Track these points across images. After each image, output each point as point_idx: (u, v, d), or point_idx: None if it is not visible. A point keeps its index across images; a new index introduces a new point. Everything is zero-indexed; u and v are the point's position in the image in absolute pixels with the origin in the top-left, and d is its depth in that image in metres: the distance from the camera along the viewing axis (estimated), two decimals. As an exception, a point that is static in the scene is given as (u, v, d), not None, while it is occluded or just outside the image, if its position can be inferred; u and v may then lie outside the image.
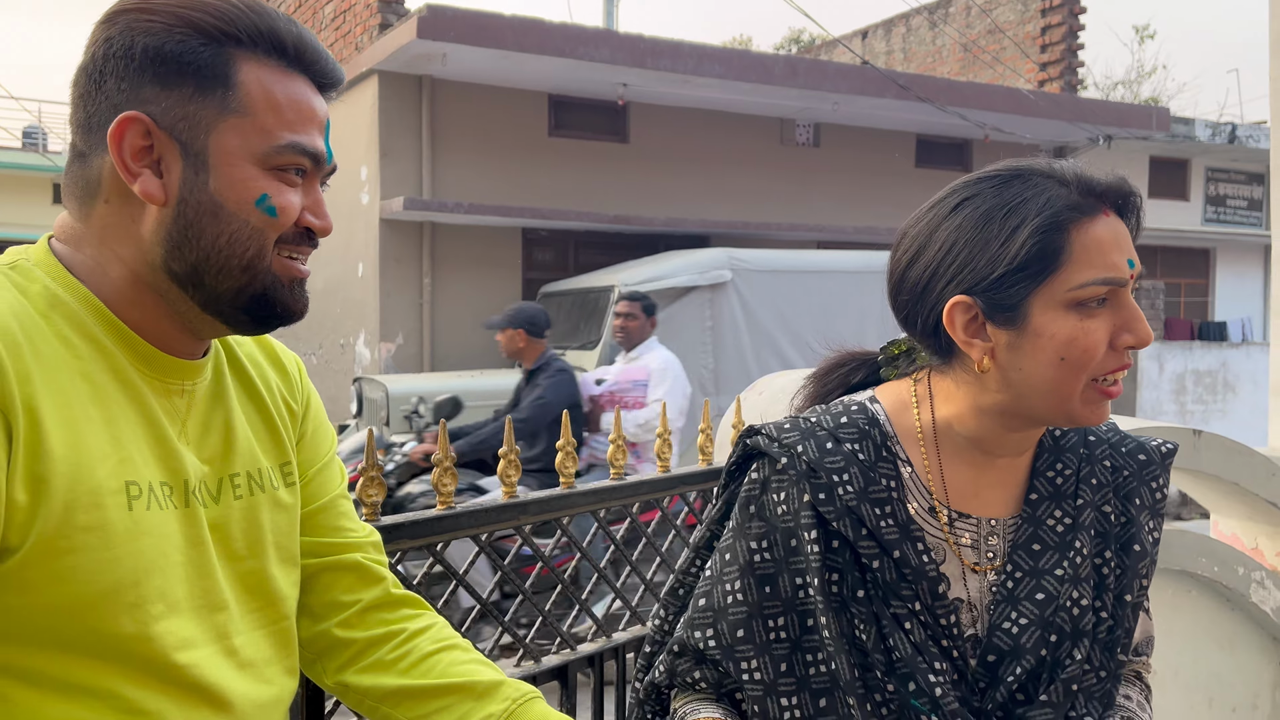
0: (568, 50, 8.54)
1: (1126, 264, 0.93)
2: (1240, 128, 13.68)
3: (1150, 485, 1.06)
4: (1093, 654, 1.00)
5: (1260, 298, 15.03)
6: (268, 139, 0.87)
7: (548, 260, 10.11)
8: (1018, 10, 14.33)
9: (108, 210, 0.86)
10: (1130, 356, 0.95)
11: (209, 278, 0.87)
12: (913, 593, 0.98)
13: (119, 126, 0.83)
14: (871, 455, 1.02)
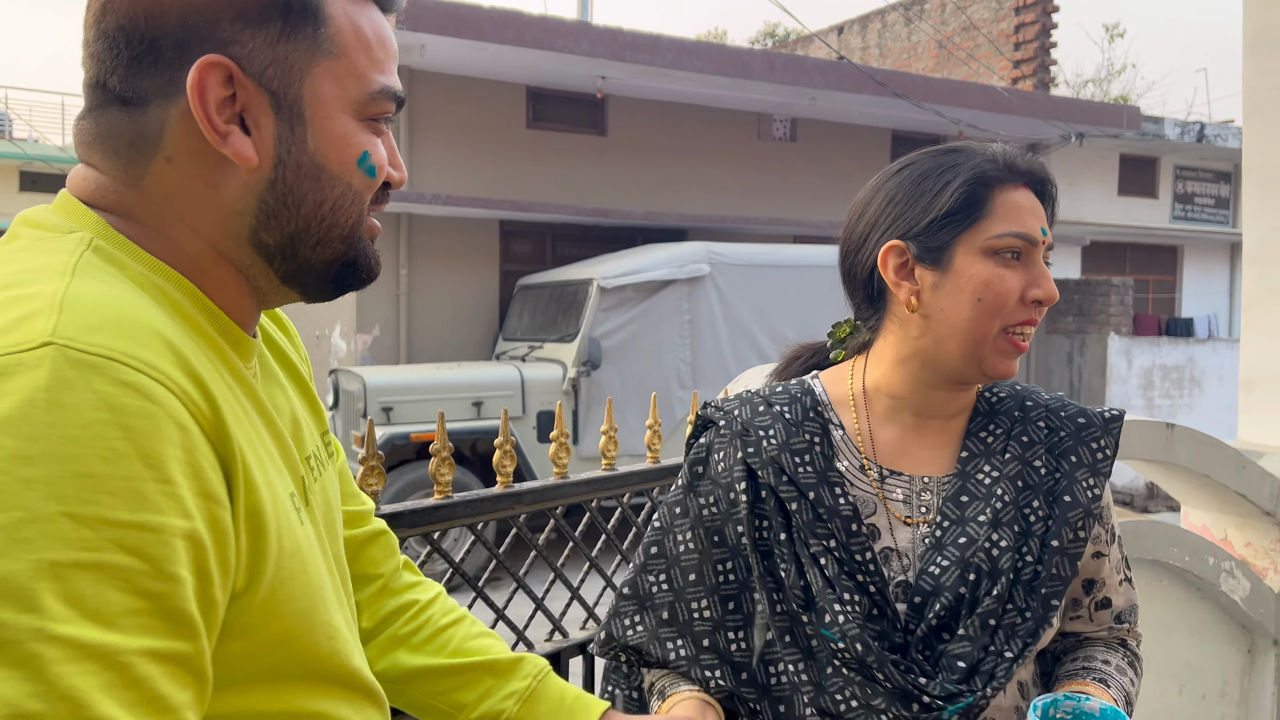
0: (546, 42, 8.54)
1: (1040, 230, 1.06)
2: (1208, 126, 13.90)
3: (1090, 445, 1.12)
4: (1014, 594, 1.05)
5: (1226, 294, 15.30)
6: (362, 85, 0.73)
7: (525, 253, 10.10)
8: (991, 8, 14.47)
9: (171, 172, 0.69)
10: (1038, 313, 1.06)
11: (305, 249, 0.74)
12: (828, 531, 1.08)
13: (200, 74, 0.67)
14: (798, 415, 1.14)
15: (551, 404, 7.01)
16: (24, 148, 19.45)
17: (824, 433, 1.13)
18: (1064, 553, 1.08)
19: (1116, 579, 1.18)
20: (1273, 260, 2.56)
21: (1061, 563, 1.07)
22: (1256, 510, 2.36)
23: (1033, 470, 1.10)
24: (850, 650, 1.02)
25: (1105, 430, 1.14)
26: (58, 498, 0.52)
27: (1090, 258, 14.23)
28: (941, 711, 1.00)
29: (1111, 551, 1.17)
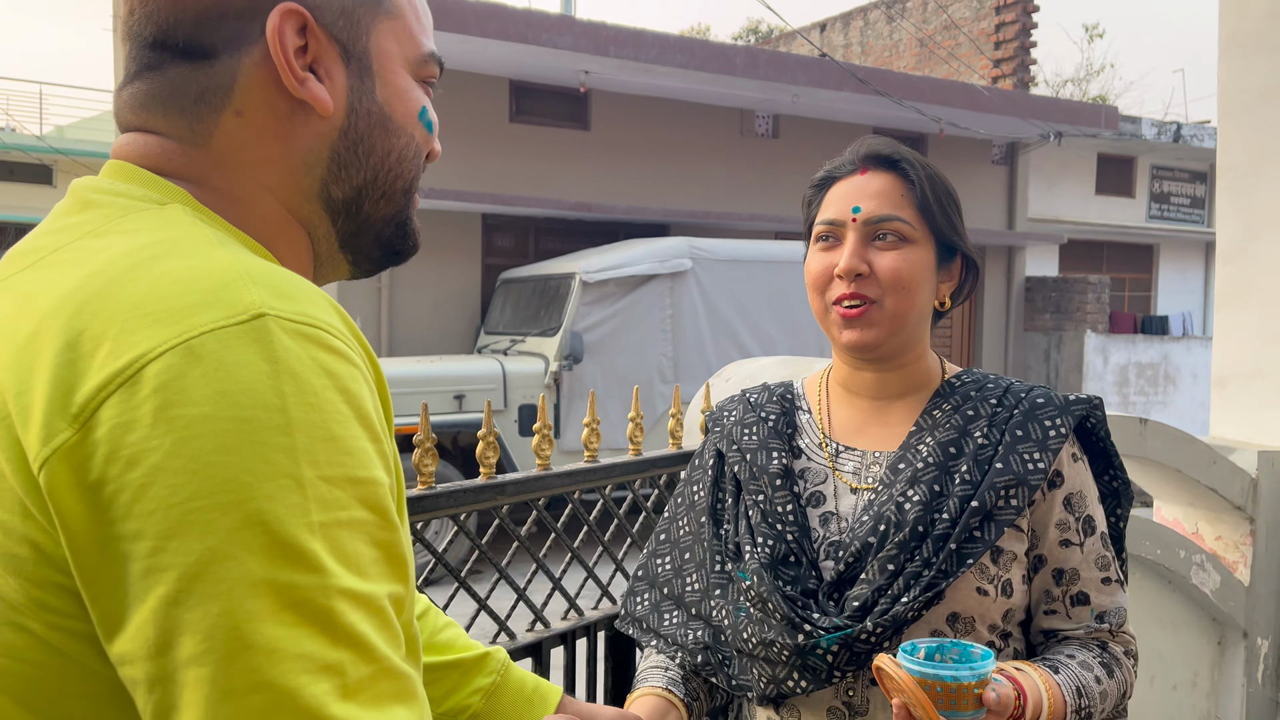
0: (530, 36, 8.53)
1: (850, 210, 1.16)
2: (1185, 127, 14.05)
3: (1043, 423, 1.15)
4: (922, 546, 1.10)
5: (1201, 293, 15.48)
6: (416, 45, 0.77)
7: (508, 246, 10.09)
8: (972, 7, 14.55)
9: (241, 125, 0.68)
10: (857, 285, 1.14)
11: (369, 203, 0.75)
12: (758, 487, 1.21)
13: (280, 19, 0.67)
14: (763, 400, 1.30)
15: (533, 398, 7.01)
16: (1, 137, 19.22)
17: (788, 415, 1.28)
18: (987, 516, 1.11)
19: (1095, 575, 1.16)
20: (1245, 259, 2.61)
21: (985, 526, 1.11)
22: (1227, 505, 2.41)
23: (969, 439, 1.15)
24: (754, 587, 1.13)
25: (1063, 410, 1.16)
26: (313, 463, 0.55)
27: (1068, 256, 14.37)
28: (819, 639, 1.08)
29: (1087, 544, 1.16)
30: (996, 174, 13.00)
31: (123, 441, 0.53)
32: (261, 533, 0.53)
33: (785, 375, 2.15)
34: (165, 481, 0.53)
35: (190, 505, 0.53)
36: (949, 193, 1.20)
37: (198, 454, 0.53)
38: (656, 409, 7.29)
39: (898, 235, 1.15)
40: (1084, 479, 1.17)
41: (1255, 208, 2.58)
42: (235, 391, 0.54)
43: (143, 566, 0.53)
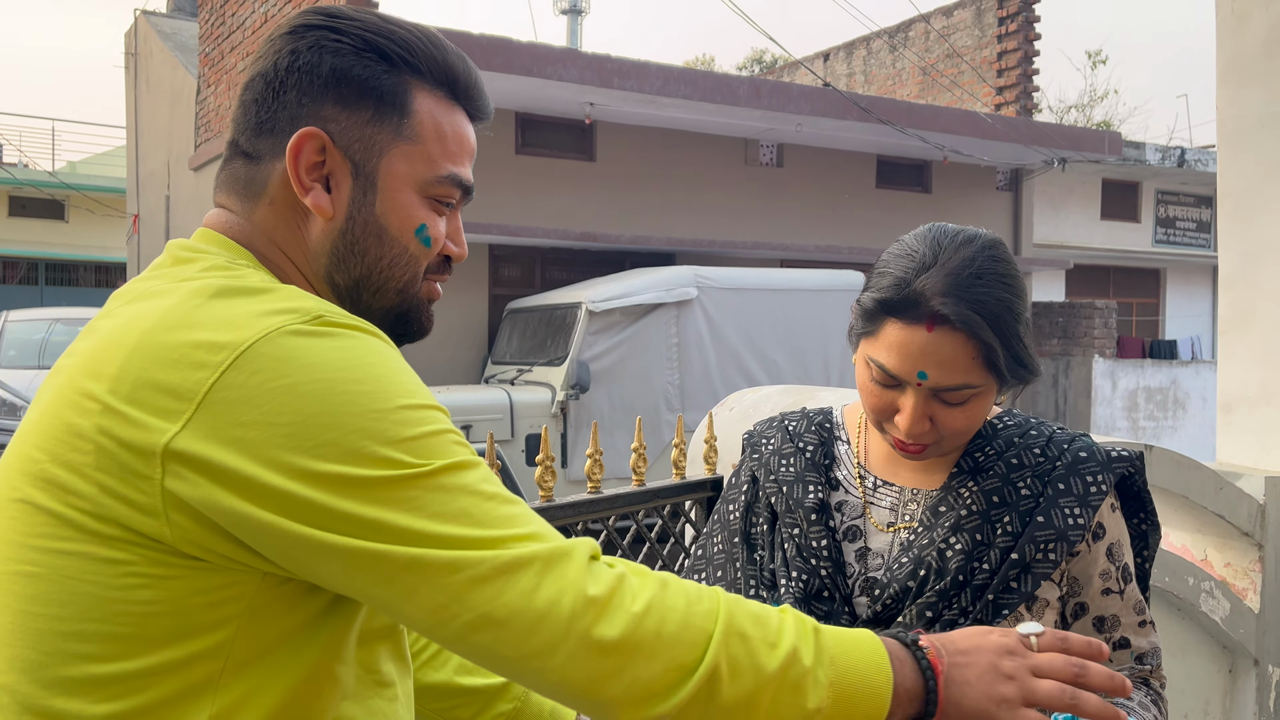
0: (535, 70, 8.61)
1: (916, 374, 1.11)
2: (1189, 151, 14.08)
3: (1085, 479, 1.15)
4: (961, 595, 1.11)
5: (1209, 317, 15.44)
6: (431, 168, 0.89)
7: (514, 276, 10.13)
8: (975, 35, 14.67)
9: (272, 212, 0.87)
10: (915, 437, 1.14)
11: (367, 295, 0.89)
12: (794, 520, 1.21)
13: (299, 140, 0.84)
14: (801, 429, 1.30)
15: (540, 427, 7.02)
16: (13, 173, 19.42)
17: (825, 446, 1.27)
18: (1025, 569, 1.12)
19: (1134, 619, 1.18)
20: (1248, 284, 2.61)
21: (1023, 578, 1.12)
22: (1235, 531, 2.39)
23: (1013, 489, 1.15)
24: None
25: (1105, 467, 1.16)
26: (399, 390, 0.76)
27: (1074, 281, 14.36)
28: None
29: (1127, 591, 1.17)
30: (1001, 200, 13.04)
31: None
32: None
33: (790, 404, 2.15)
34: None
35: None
36: (1019, 323, 1.11)
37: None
38: (663, 438, 7.28)
39: (964, 398, 1.11)
40: (1121, 528, 1.19)
41: (1256, 232, 2.59)
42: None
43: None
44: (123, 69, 15.40)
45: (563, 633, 0.73)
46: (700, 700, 0.76)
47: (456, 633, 0.73)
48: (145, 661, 0.73)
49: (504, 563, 0.73)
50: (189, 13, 15.01)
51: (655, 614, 0.77)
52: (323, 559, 0.73)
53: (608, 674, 0.74)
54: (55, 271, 20.73)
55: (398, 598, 0.73)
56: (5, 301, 17.49)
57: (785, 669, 0.79)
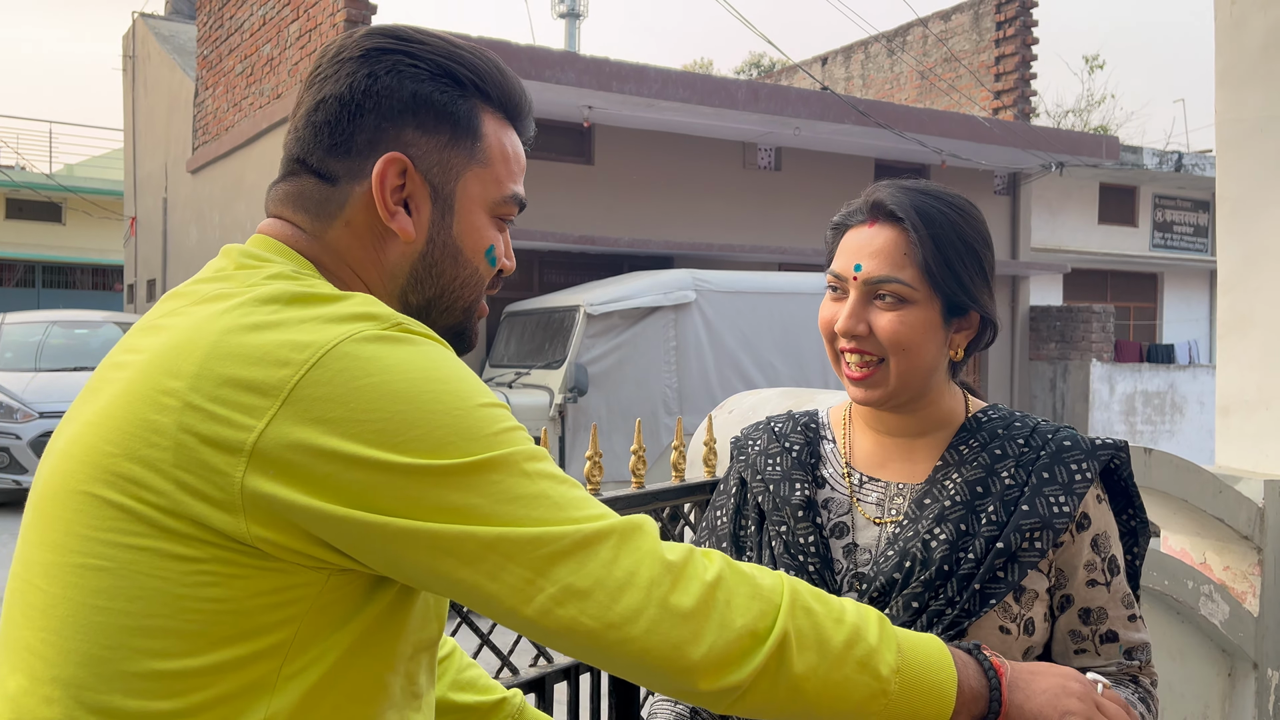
0: (533, 73, 8.62)
1: (853, 268, 1.16)
2: (1186, 156, 14.11)
3: (1069, 466, 1.15)
4: (947, 585, 1.11)
5: (1206, 321, 15.47)
6: (500, 189, 0.92)
7: (512, 280, 10.13)
8: (973, 40, 14.69)
9: (348, 233, 0.89)
10: (853, 343, 1.16)
11: (436, 313, 0.92)
12: (781, 518, 1.22)
13: (384, 165, 0.86)
14: (787, 429, 1.30)
15: (538, 430, 7.01)
16: (10, 175, 19.40)
17: (811, 445, 1.28)
18: (1011, 557, 1.12)
19: (1122, 613, 1.17)
20: (1246, 288, 2.61)
21: (1010, 567, 1.11)
22: (1234, 534, 2.39)
23: (997, 479, 1.15)
24: None
25: (1090, 455, 1.15)
26: (476, 392, 0.80)
27: (1071, 285, 14.38)
28: None
29: (1114, 583, 1.16)
30: (999, 204, 13.06)
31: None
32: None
33: (788, 406, 2.15)
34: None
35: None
36: (964, 244, 1.15)
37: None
38: (661, 441, 7.28)
39: (896, 296, 1.13)
40: (1108, 520, 1.18)
41: (1254, 237, 2.59)
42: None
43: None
44: (120, 72, 15.40)
45: (643, 599, 0.76)
46: (771, 670, 0.79)
47: (541, 609, 0.75)
48: (208, 659, 0.74)
49: (584, 536, 0.77)
50: (187, 16, 15.02)
51: (727, 583, 0.80)
52: (409, 547, 0.75)
53: (687, 639, 0.77)
54: (52, 274, 20.71)
55: (484, 578, 0.75)
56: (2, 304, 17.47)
57: (850, 645, 0.82)
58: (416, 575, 0.77)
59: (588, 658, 0.78)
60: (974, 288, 1.16)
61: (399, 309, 0.90)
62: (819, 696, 0.81)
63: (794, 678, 0.80)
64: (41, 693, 0.75)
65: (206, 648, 0.74)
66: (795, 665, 0.80)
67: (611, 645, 0.76)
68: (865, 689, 0.82)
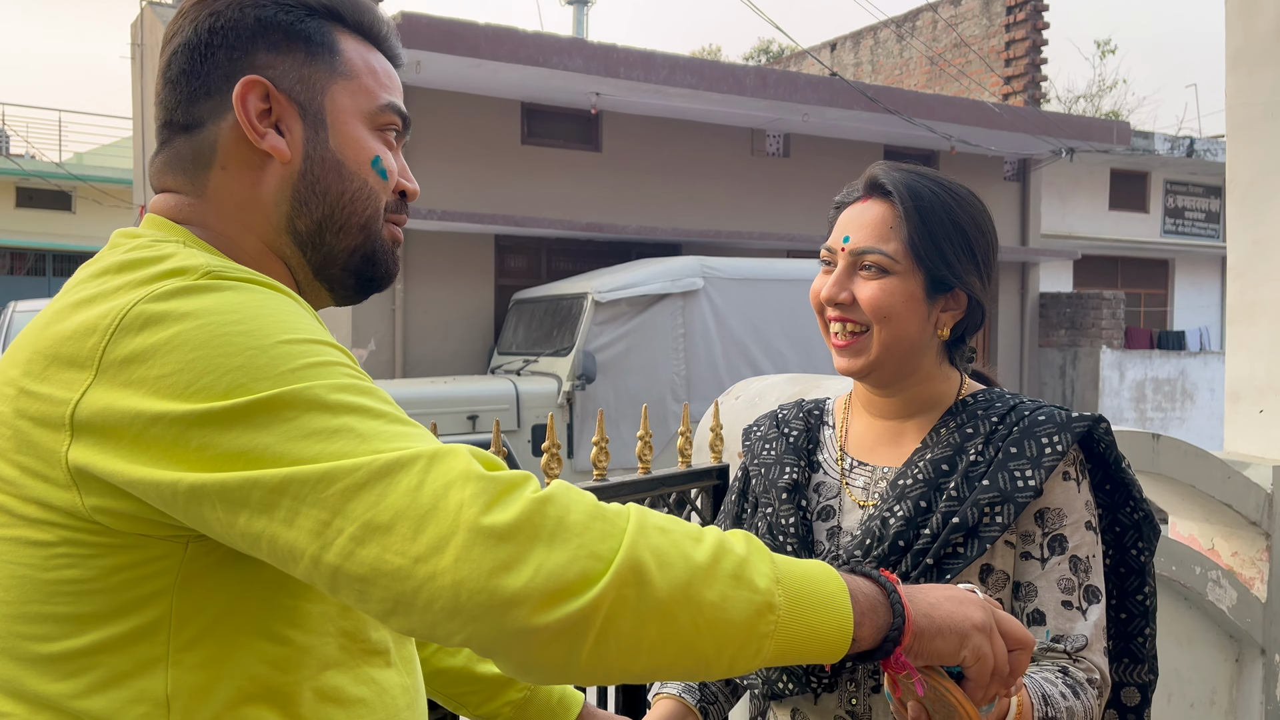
0: (541, 59, 8.60)
1: (842, 239, 1.21)
2: (1198, 142, 14.01)
3: (1039, 440, 1.14)
4: (901, 561, 1.12)
5: (1217, 308, 15.38)
6: (372, 99, 0.91)
7: (520, 267, 10.13)
8: (982, 25, 14.59)
9: (225, 177, 0.87)
10: (838, 312, 1.19)
11: (330, 235, 0.89)
12: (768, 500, 1.25)
13: (242, 89, 0.85)
14: (789, 415, 1.34)
15: (547, 417, 7.02)
16: (20, 164, 19.46)
17: (811, 431, 1.31)
18: (970, 532, 1.11)
19: (1055, 596, 1.12)
20: (1256, 274, 2.60)
21: (969, 542, 1.11)
22: (1243, 520, 2.39)
23: (962, 455, 1.16)
24: None
25: (1062, 428, 1.14)
26: (281, 328, 0.74)
27: (1082, 271, 14.31)
28: None
29: (1050, 562, 1.12)
30: (1009, 190, 12.99)
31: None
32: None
33: (795, 393, 2.15)
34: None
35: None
36: (952, 224, 1.17)
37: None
38: (669, 428, 7.29)
39: (879, 267, 1.16)
40: (1069, 499, 1.14)
41: (1265, 222, 2.57)
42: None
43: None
44: (129, 60, 15.41)
45: (451, 524, 0.66)
46: (629, 598, 0.67)
47: (343, 552, 0.67)
48: (87, 639, 0.74)
49: (382, 465, 0.68)
50: (195, 3, 15.00)
51: (559, 501, 0.69)
52: (203, 503, 0.70)
53: (504, 563, 0.65)
54: (62, 262, 20.78)
55: (281, 526, 0.68)
56: (12, 292, 17.55)
57: (717, 558, 0.72)
58: (227, 535, 0.71)
59: (406, 615, 0.67)
60: (959, 266, 1.17)
61: (288, 243, 0.89)
62: (697, 622, 0.69)
63: (659, 602, 0.68)
64: None
65: (82, 629, 0.74)
66: (657, 587, 0.68)
67: (422, 585, 0.66)
68: (747, 604, 0.71)
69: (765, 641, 0.72)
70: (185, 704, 0.75)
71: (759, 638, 0.72)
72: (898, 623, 0.79)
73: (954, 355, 1.25)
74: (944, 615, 0.82)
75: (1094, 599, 1.13)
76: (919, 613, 0.81)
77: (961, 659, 0.83)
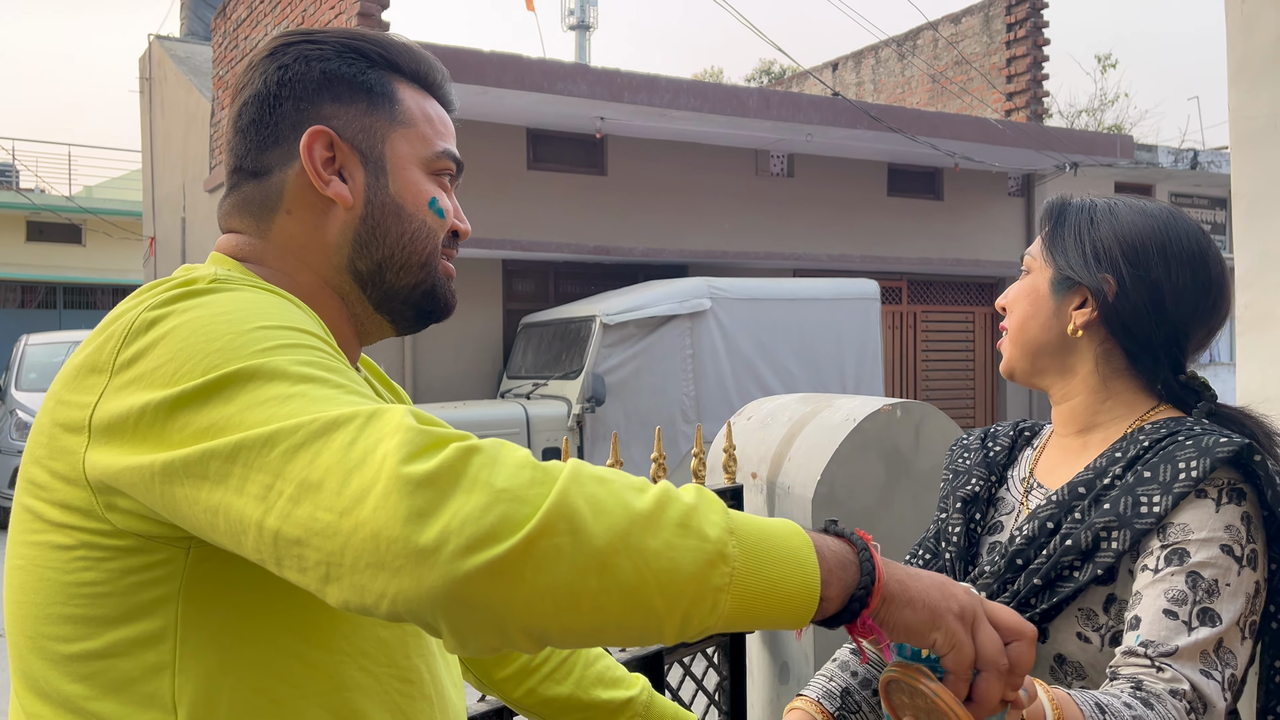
0: (545, 85, 8.66)
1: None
2: (1202, 153, 14.02)
3: (1176, 464, 1.05)
4: (1016, 580, 1.12)
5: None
6: (429, 146, 0.96)
7: (528, 291, 10.17)
8: (983, 42, 14.66)
9: (290, 221, 0.93)
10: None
11: (390, 274, 0.94)
12: (944, 506, 1.31)
13: (309, 139, 0.91)
14: (1000, 430, 1.35)
15: (557, 440, 7.03)
16: (31, 198, 19.63)
17: (1016, 449, 1.32)
18: (1084, 555, 1.07)
19: (1157, 605, 1.00)
20: (1264, 285, 2.60)
21: (1084, 565, 1.07)
22: (1258, 532, 2.38)
23: (1101, 478, 1.12)
24: None
25: (1204, 453, 1.05)
26: (262, 316, 0.77)
27: (1089, 285, 14.27)
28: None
29: (1164, 574, 1.02)
30: (1013, 206, 13.01)
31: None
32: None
33: (807, 412, 2.16)
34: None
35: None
36: (1091, 223, 1.19)
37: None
38: (680, 449, 7.29)
39: (1026, 269, 1.25)
40: (1201, 518, 1.03)
41: (1271, 234, 2.58)
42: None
43: None
44: (138, 94, 15.58)
45: (375, 473, 0.64)
46: (564, 545, 0.63)
47: (282, 513, 0.65)
48: (100, 642, 0.77)
49: (322, 424, 0.67)
50: (203, 37, 15.18)
51: (486, 452, 0.66)
52: (176, 481, 0.70)
53: (422, 509, 0.62)
54: (73, 295, 20.92)
55: (233, 495, 0.67)
56: (25, 325, 17.66)
57: (661, 506, 0.67)
58: (195, 517, 0.70)
59: (338, 579, 0.64)
60: (1083, 261, 1.17)
61: (350, 283, 0.94)
62: (641, 572, 0.64)
63: (597, 551, 0.63)
64: (15, 684, 0.83)
65: (96, 631, 0.77)
66: (594, 534, 0.63)
67: (348, 540, 0.63)
68: (696, 553, 0.66)
69: (720, 596, 0.67)
70: (192, 711, 0.76)
71: (713, 591, 0.67)
72: (865, 581, 0.73)
73: (1157, 380, 1.18)
74: (919, 588, 0.76)
75: (1211, 622, 0.99)
76: (892, 578, 0.75)
77: (933, 641, 0.76)
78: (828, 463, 1.94)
